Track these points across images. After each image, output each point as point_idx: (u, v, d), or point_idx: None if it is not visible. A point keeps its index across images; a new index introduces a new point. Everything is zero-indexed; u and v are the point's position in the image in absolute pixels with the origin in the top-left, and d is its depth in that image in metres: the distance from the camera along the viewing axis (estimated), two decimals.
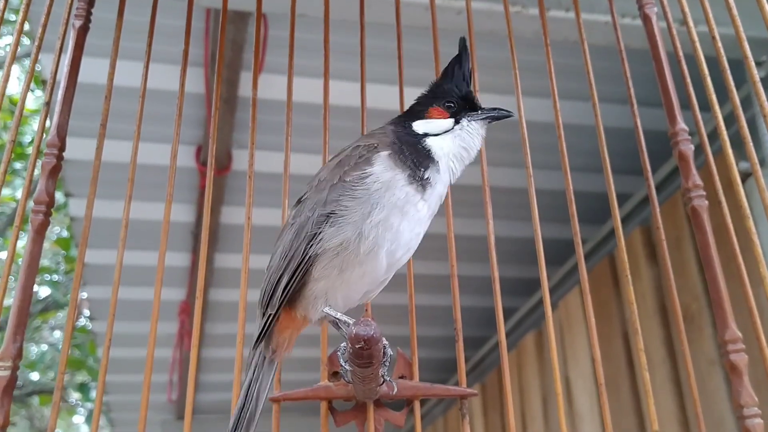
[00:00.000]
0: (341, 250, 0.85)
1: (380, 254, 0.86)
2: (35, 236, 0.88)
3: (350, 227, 0.85)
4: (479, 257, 2.06)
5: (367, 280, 0.88)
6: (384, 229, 0.85)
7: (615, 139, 2.00)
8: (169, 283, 3.39)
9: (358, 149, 0.91)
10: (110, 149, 1.66)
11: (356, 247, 0.85)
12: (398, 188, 0.87)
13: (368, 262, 0.86)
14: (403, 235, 0.87)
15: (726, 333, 0.85)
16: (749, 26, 1.03)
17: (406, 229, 0.88)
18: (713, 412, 2.14)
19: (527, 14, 1.91)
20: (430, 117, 0.99)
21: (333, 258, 0.85)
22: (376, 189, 0.86)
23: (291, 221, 0.91)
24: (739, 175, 0.92)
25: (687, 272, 2.35)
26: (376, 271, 0.87)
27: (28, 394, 7.21)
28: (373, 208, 0.85)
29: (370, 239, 0.85)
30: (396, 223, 0.86)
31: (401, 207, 0.87)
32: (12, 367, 0.82)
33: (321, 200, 0.87)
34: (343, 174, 0.88)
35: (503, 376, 0.94)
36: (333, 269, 0.85)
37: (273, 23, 2.28)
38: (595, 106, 1.06)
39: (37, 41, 1.02)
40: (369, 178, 0.87)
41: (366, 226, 0.85)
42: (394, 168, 0.88)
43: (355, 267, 0.85)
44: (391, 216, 0.86)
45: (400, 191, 0.87)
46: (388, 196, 0.86)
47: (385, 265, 0.88)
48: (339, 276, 0.86)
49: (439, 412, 4.63)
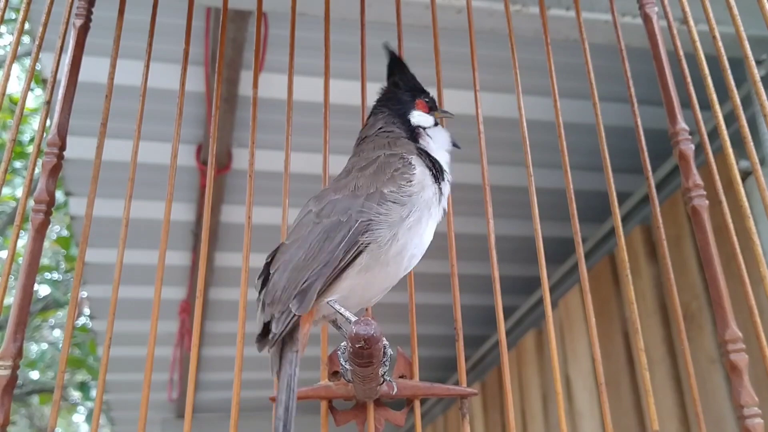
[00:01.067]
0: (374, 249, 0.85)
1: (406, 256, 0.88)
2: (35, 235, 0.88)
3: (386, 229, 0.86)
4: (479, 256, 2.06)
5: (389, 282, 0.90)
6: (414, 232, 0.88)
7: (615, 137, 2.00)
8: (169, 282, 3.39)
9: (395, 157, 0.93)
10: (111, 148, 1.66)
11: (387, 248, 0.86)
12: (429, 187, 0.91)
13: (393, 264, 0.87)
14: (424, 237, 0.90)
15: (726, 332, 0.84)
16: (750, 25, 1.03)
17: (430, 230, 0.91)
18: (713, 411, 2.14)
19: (528, 13, 1.91)
20: (420, 110, 1.02)
21: (363, 258, 0.86)
22: (415, 191, 0.89)
23: (315, 219, 0.89)
24: (739, 174, 0.92)
25: (687, 271, 2.35)
26: (398, 273, 0.89)
27: (28, 393, 7.22)
28: (410, 210, 0.88)
29: (401, 242, 0.87)
30: (424, 223, 0.89)
31: (429, 207, 0.90)
32: (12, 366, 0.82)
33: (357, 206, 0.87)
34: (382, 183, 0.89)
35: (503, 374, 0.94)
36: (361, 269, 0.86)
37: (273, 22, 2.29)
38: (596, 104, 1.06)
39: (37, 40, 1.02)
40: (413, 183, 0.89)
41: (401, 229, 0.87)
42: (425, 170, 0.93)
43: (381, 267, 0.86)
44: (422, 217, 0.89)
45: (430, 189, 0.91)
46: (424, 196, 0.89)
47: (405, 267, 0.90)
48: (364, 276, 0.86)
49: (439, 411, 4.63)
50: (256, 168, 1.07)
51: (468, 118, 1.23)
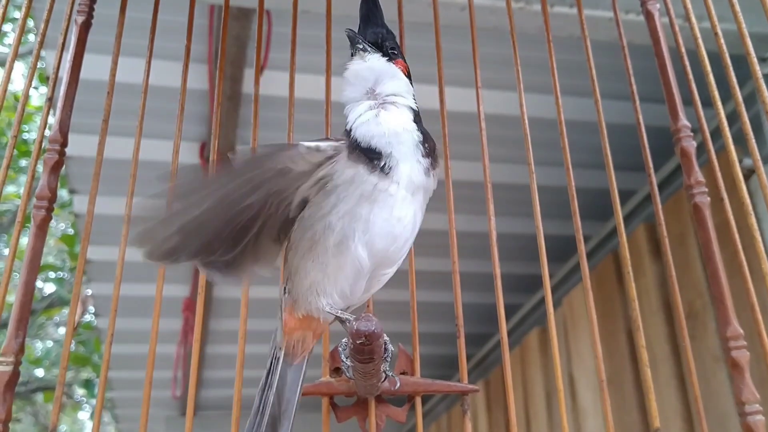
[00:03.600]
0: (312, 244, 0.85)
1: (350, 245, 0.85)
2: (37, 231, 0.88)
3: (318, 221, 0.85)
4: (483, 254, 2.06)
5: (353, 273, 0.87)
6: (351, 219, 0.85)
7: (621, 135, 2.00)
8: (173, 280, 3.39)
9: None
10: (116, 146, 1.66)
11: (325, 239, 0.85)
12: (358, 176, 0.86)
13: (340, 255, 0.85)
14: (375, 224, 0.86)
15: (728, 329, 0.84)
16: (753, 22, 1.03)
17: (389, 211, 0.86)
18: (717, 409, 2.14)
19: (531, 10, 1.90)
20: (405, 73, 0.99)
21: (306, 252, 0.86)
22: (339, 184, 0.86)
23: None
24: (741, 172, 0.92)
25: (691, 269, 2.34)
26: (355, 263, 0.86)
27: (32, 390, 7.23)
28: (339, 200, 0.85)
29: (336, 230, 0.85)
30: (365, 212, 0.86)
31: (368, 196, 0.86)
32: (14, 362, 0.83)
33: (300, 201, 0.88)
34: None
35: (505, 372, 0.94)
36: (310, 263, 0.86)
37: (277, 20, 2.29)
38: (598, 102, 1.06)
39: (39, 37, 1.03)
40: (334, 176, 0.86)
41: (332, 218, 0.85)
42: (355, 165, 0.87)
43: (330, 260, 0.85)
44: (362, 202, 0.85)
45: (362, 178, 0.86)
46: (352, 189, 0.85)
47: (366, 255, 0.87)
48: (319, 270, 0.86)
49: (442, 409, 4.64)
50: None
51: (470, 116, 1.23)
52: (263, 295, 1.66)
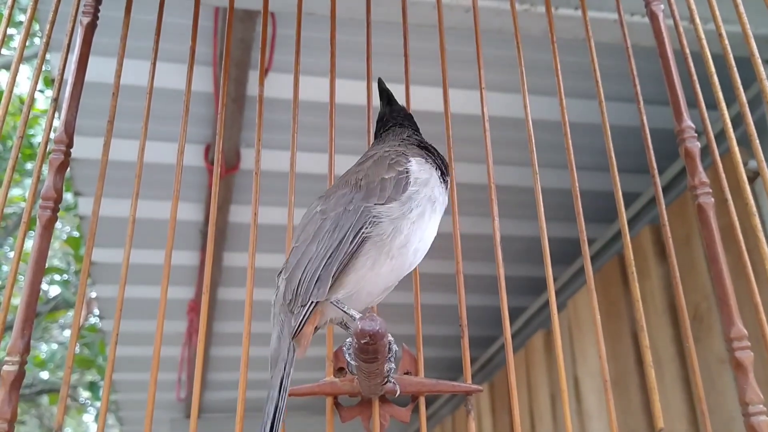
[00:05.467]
0: (377, 241, 0.87)
1: (410, 249, 0.89)
2: (43, 232, 0.89)
3: (387, 222, 0.87)
4: (488, 256, 2.06)
5: (394, 276, 0.90)
6: (417, 226, 0.89)
7: (625, 137, 2.00)
8: (177, 282, 3.40)
9: (391, 151, 0.96)
10: (121, 148, 1.67)
11: (391, 240, 0.87)
12: (432, 183, 0.92)
13: (398, 256, 0.88)
14: (427, 232, 0.91)
15: (731, 330, 0.84)
16: (758, 24, 1.03)
17: (433, 225, 0.92)
18: (723, 411, 2.13)
19: (536, 12, 1.90)
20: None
21: (369, 250, 0.87)
22: (415, 189, 0.90)
23: (322, 216, 0.91)
24: (746, 173, 0.92)
25: (697, 270, 2.34)
26: (403, 267, 0.90)
27: (37, 392, 7.24)
28: (411, 205, 0.89)
29: (404, 234, 0.88)
30: (427, 218, 0.90)
31: (432, 203, 0.91)
32: (20, 362, 0.83)
33: (360, 197, 0.89)
34: (381, 176, 0.91)
35: (509, 374, 0.94)
36: (366, 260, 0.87)
37: (282, 22, 2.29)
38: (602, 104, 1.06)
39: (45, 38, 1.03)
40: (409, 175, 0.91)
41: (404, 222, 0.88)
42: (428, 167, 0.94)
43: (387, 260, 0.87)
44: (425, 212, 0.90)
45: (434, 186, 0.92)
46: (426, 191, 0.91)
47: (410, 262, 0.90)
48: (370, 268, 0.87)
49: (447, 411, 4.63)
50: (263, 168, 1.07)
51: (474, 118, 1.24)
52: (267, 297, 1.66)
